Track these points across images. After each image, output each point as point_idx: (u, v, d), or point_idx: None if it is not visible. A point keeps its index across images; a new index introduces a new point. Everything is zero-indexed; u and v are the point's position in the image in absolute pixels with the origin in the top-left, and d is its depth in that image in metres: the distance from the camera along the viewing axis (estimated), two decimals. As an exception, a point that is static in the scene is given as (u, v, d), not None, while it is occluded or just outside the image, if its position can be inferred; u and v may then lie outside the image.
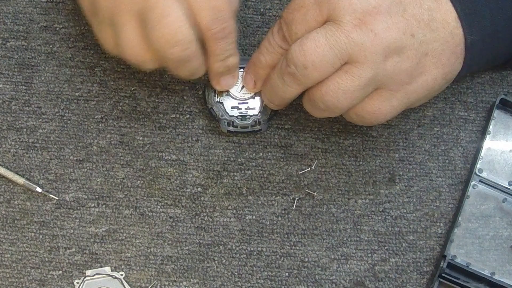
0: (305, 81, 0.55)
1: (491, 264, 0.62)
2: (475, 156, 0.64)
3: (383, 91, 0.55)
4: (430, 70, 0.56)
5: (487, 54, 0.59)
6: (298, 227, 0.63)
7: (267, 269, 0.63)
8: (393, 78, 0.55)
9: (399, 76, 0.55)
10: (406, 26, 0.54)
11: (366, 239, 0.63)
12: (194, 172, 0.64)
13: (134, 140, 0.65)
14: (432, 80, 0.56)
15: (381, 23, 0.53)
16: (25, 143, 0.64)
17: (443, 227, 0.64)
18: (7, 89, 0.65)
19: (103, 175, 0.64)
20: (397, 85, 0.55)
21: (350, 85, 0.54)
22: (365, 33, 0.53)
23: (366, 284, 0.63)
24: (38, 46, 0.66)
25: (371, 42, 0.53)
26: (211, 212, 0.63)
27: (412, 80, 0.55)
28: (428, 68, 0.55)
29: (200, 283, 0.62)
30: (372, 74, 0.54)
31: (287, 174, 0.64)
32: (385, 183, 0.64)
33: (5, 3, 0.67)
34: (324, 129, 0.65)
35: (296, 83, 0.56)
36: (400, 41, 0.54)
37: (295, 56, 0.54)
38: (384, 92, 0.55)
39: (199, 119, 0.65)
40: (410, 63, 0.54)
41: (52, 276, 0.62)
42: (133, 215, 0.63)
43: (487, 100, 0.66)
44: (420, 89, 0.56)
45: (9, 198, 0.63)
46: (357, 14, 0.53)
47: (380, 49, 0.53)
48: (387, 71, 0.54)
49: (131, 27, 0.55)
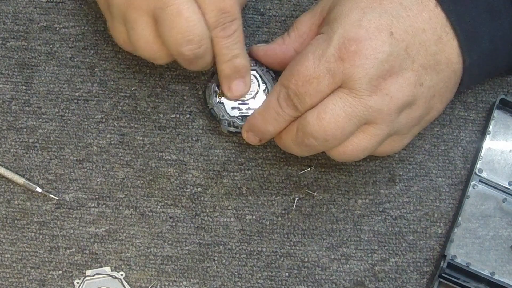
0: (325, 150, 0.56)
1: (491, 264, 0.62)
2: (475, 156, 0.64)
3: (394, 137, 0.57)
4: (437, 107, 0.57)
5: (485, 72, 0.60)
6: (298, 227, 0.63)
7: (267, 269, 0.63)
8: (405, 126, 0.56)
9: (411, 122, 0.56)
10: (416, 79, 0.54)
11: (366, 239, 0.63)
12: (194, 172, 0.64)
13: (134, 140, 0.65)
14: (437, 114, 0.58)
15: (394, 85, 0.53)
16: (25, 143, 0.64)
17: (443, 227, 0.64)
18: (7, 89, 0.65)
19: (103, 175, 0.64)
20: (407, 130, 0.57)
21: (368, 143, 0.55)
22: (381, 98, 0.53)
23: (366, 284, 0.63)
24: (38, 46, 0.66)
25: (387, 105, 0.53)
26: (211, 212, 0.63)
27: (420, 121, 0.57)
28: (435, 106, 0.57)
29: (200, 283, 0.62)
30: (388, 131, 0.55)
31: (287, 174, 0.64)
32: (385, 183, 0.64)
33: (5, 3, 0.67)
34: (324, 129, 0.65)
35: (314, 151, 0.57)
36: (412, 95, 0.54)
37: (314, 131, 0.54)
38: (396, 137, 0.57)
39: (199, 119, 0.65)
40: (421, 110, 0.56)
41: (52, 276, 0.62)
42: (133, 215, 0.63)
43: (487, 100, 0.66)
44: (427, 124, 0.59)
45: (9, 198, 0.63)
46: (373, 82, 0.53)
47: (396, 109, 0.54)
48: (401, 122, 0.55)
49: (144, 24, 0.55)
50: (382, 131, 0.55)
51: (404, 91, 0.54)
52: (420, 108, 0.56)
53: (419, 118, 0.57)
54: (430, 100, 0.56)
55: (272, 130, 0.58)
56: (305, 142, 0.55)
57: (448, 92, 0.57)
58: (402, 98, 0.54)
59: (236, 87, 0.60)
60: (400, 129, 0.56)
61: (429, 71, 0.55)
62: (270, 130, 0.58)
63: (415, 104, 0.55)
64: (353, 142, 0.55)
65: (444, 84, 0.56)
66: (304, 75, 0.54)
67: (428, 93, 0.55)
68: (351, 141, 0.55)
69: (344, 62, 0.53)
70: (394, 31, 0.53)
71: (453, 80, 0.57)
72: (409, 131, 0.58)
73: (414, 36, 0.54)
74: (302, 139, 0.55)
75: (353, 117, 0.53)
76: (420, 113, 0.56)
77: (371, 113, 0.53)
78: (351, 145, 0.55)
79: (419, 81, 0.54)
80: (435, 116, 0.59)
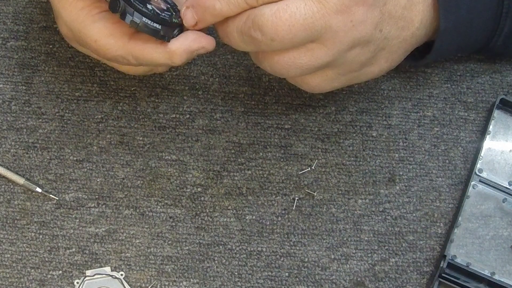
0: (265, 49, 0.53)
1: (491, 264, 0.62)
2: (475, 156, 0.64)
3: (330, 71, 0.55)
4: (380, 63, 0.56)
5: (459, 42, 0.59)
6: (298, 227, 0.63)
7: (267, 269, 0.63)
8: (346, 65, 0.54)
9: (353, 65, 0.54)
10: (379, 20, 0.53)
11: (366, 239, 0.63)
12: (194, 172, 0.64)
13: (134, 140, 0.65)
14: (378, 71, 0.57)
15: (361, 15, 0.51)
16: (25, 143, 0.64)
17: (443, 227, 0.64)
18: (7, 89, 0.65)
19: (103, 175, 0.64)
20: (345, 71, 0.55)
21: (306, 63, 0.53)
22: (344, 21, 0.51)
23: (366, 284, 0.63)
24: (38, 46, 0.66)
25: (345, 32, 0.51)
26: (211, 212, 0.63)
27: (361, 69, 0.55)
28: (379, 61, 0.56)
29: (200, 283, 0.62)
30: (332, 59, 0.53)
31: (287, 174, 0.64)
32: (385, 183, 0.64)
33: (5, 3, 0.67)
34: (324, 129, 0.65)
35: (255, 46, 0.53)
36: (370, 35, 0.53)
37: (265, 25, 0.50)
38: (330, 73, 0.55)
39: (199, 119, 0.65)
40: (368, 55, 0.54)
41: (52, 276, 0.62)
42: (133, 215, 0.63)
43: (487, 100, 0.66)
44: (363, 76, 0.57)
45: (9, 198, 0.63)
46: (346, 1, 0.50)
47: (350, 40, 0.52)
48: (345, 59, 0.53)
49: None
50: (325, 56, 0.52)
51: (366, 26, 0.52)
52: (367, 53, 0.54)
53: (362, 64, 0.55)
54: (379, 51, 0.54)
55: (219, 10, 0.52)
56: (250, 33, 0.51)
57: (397, 54, 0.56)
58: (361, 32, 0.52)
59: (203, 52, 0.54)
60: (340, 66, 0.54)
61: (392, 22, 0.53)
62: (217, 8, 0.51)
63: (366, 47, 0.53)
64: (292, 55, 0.52)
65: (398, 42, 0.55)
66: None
67: (381, 42, 0.54)
68: (290, 54, 0.52)
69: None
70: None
71: (408, 43, 0.56)
72: (345, 74, 0.55)
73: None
74: (249, 29, 0.51)
75: (310, 28, 0.50)
76: (366, 58, 0.54)
77: (328, 32, 0.51)
78: (288, 58, 0.52)
79: (380, 25, 0.53)
80: (375, 74, 0.57)
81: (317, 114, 0.65)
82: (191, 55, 0.53)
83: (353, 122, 0.65)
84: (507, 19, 0.58)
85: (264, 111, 0.65)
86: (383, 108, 0.66)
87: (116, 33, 0.53)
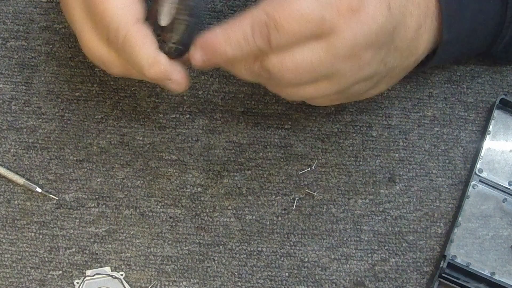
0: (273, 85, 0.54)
1: (491, 264, 0.62)
2: (475, 156, 0.64)
3: (333, 96, 0.54)
4: (381, 87, 0.56)
5: (460, 50, 0.59)
6: (298, 227, 0.63)
7: (267, 269, 0.63)
8: (350, 93, 0.54)
9: (356, 92, 0.55)
10: (385, 56, 0.52)
11: (366, 239, 0.63)
12: (194, 172, 0.64)
13: (134, 140, 0.65)
14: (377, 93, 0.57)
15: (369, 58, 0.51)
16: (25, 143, 0.64)
17: (443, 227, 0.64)
18: (7, 89, 0.65)
19: (103, 175, 0.64)
20: (348, 96, 0.55)
21: (310, 94, 0.53)
22: (351, 66, 0.51)
23: (366, 284, 0.63)
24: (38, 46, 0.66)
25: (352, 74, 0.51)
26: (211, 212, 0.63)
27: (364, 94, 0.56)
28: (381, 85, 0.56)
29: (200, 283, 0.62)
30: (337, 91, 0.53)
31: (287, 174, 0.64)
32: (385, 183, 0.64)
33: (5, 3, 0.67)
34: (324, 129, 0.65)
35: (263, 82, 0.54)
36: (375, 71, 0.53)
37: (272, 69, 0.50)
38: (333, 97, 0.55)
39: (199, 119, 0.65)
40: (370, 85, 0.55)
41: (52, 276, 0.62)
42: (133, 215, 0.63)
43: (487, 100, 0.66)
44: (363, 97, 0.57)
45: (9, 198, 0.63)
46: (355, 49, 0.50)
47: (356, 79, 0.52)
48: (350, 90, 0.54)
49: None
50: (330, 90, 0.52)
51: (372, 67, 0.52)
52: (370, 84, 0.54)
53: (365, 91, 0.55)
54: (382, 78, 0.55)
55: (231, 56, 0.50)
56: (260, 73, 0.51)
57: (399, 77, 0.57)
58: (368, 71, 0.52)
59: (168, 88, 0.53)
60: (343, 93, 0.54)
61: (397, 54, 0.53)
62: (229, 54, 0.50)
63: (370, 79, 0.53)
64: (297, 89, 0.52)
65: (401, 70, 0.55)
66: (296, 11, 0.48)
67: (384, 72, 0.54)
68: (296, 87, 0.52)
69: (340, 16, 0.49)
70: (392, 5, 0.51)
71: (410, 67, 0.56)
72: (349, 97, 0.56)
73: (404, 16, 0.52)
74: (258, 70, 0.51)
75: (316, 72, 0.50)
76: (369, 87, 0.55)
77: (334, 74, 0.51)
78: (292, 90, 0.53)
79: (386, 59, 0.53)
80: (373, 95, 0.57)
81: (317, 114, 0.65)
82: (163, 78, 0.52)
83: (353, 122, 0.65)
84: (510, 28, 0.57)
85: (264, 111, 0.65)
86: (383, 108, 0.66)
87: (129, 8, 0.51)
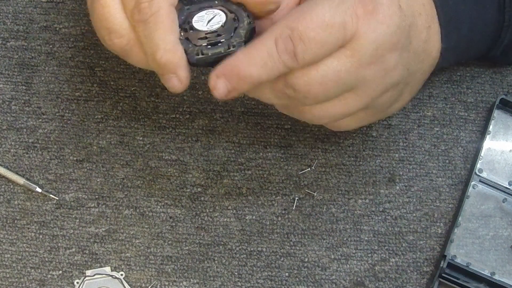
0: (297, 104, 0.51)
1: (491, 264, 0.62)
2: (475, 156, 0.64)
3: (361, 114, 0.53)
4: (405, 98, 0.55)
5: (459, 56, 0.59)
6: (298, 227, 0.63)
7: (267, 269, 0.63)
8: (377, 107, 0.53)
9: (383, 106, 0.54)
10: (408, 61, 0.51)
11: (366, 239, 0.63)
12: (194, 172, 0.64)
13: (134, 140, 0.65)
14: (401, 106, 0.56)
15: (394, 61, 0.50)
16: (25, 143, 0.64)
17: (443, 227, 0.64)
18: (7, 89, 0.65)
19: (103, 175, 0.64)
20: (376, 112, 0.54)
21: (338, 112, 0.51)
22: (377, 71, 0.49)
23: (366, 284, 0.63)
24: (38, 46, 0.66)
25: (379, 81, 0.50)
26: (211, 212, 0.63)
27: (389, 107, 0.55)
28: (404, 96, 0.55)
29: (200, 283, 0.62)
30: (364, 106, 0.52)
31: (287, 174, 0.64)
32: (385, 183, 0.64)
33: (5, 3, 0.67)
34: (324, 129, 0.65)
35: (288, 101, 0.51)
36: (401, 77, 0.52)
37: (297, 84, 0.49)
38: (361, 115, 0.54)
39: (199, 119, 0.65)
40: (396, 95, 0.53)
41: (52, 276, 0.62)
42: (133, 215, 0.63)
43: (487, 100, 0.66)
44: (389, 113, 0.56)
45: (9, 198, 0.63)
46: (379, 51, 0.48)
47: (384, 87, 0.51)
48: (377, 103, 0.52)
49: None
50: (359, 104, 0.51)
51: (398, 71, 0.50)
52: (396, 93, 0.53)
53: (390, 104, 0.53)
54: (405, 87, 0.53)
55: (257, 77, 0.47)
56: (284, 91, 0.49)
57: (419, 85, 0.55)
58: (394, 78, 0.51)
59: (167, 83, 0.50)
60: (371, 108, 0.53)
61: (416, 57, 0.52)
62: (255, 76, 0.47)
63: (396, 88, 0.52)
64: (325, 106, 0.51)
65: (421, 75, 0.54)
66: (319, 20, 0.47)
67: (408, 79, 0.53)
68: (323, 105, 0.50)
69: (359, 19, 0.48)
70: (402, 5, 0.50)
71: (427, 73, 0.55)
72: (375, 114, 0.54)
73: (413, 17, 0.51)
74: (282, 88, 0.49)
75: (343, 84, 0.49)
76: (394, 99, 0.53)
77: (361, 83, 0.49)
78: (321, 109, 0.51)
79: (408, 64, 0.51)
80: (398, 109, 0.56)
81: (317, 114, 0.65)
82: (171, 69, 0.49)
83: (353, 122, 0.65)
84: (508, 31, 0.57)
85: (264, 111, 0.65)
86: (383, 108, 0.66)
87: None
